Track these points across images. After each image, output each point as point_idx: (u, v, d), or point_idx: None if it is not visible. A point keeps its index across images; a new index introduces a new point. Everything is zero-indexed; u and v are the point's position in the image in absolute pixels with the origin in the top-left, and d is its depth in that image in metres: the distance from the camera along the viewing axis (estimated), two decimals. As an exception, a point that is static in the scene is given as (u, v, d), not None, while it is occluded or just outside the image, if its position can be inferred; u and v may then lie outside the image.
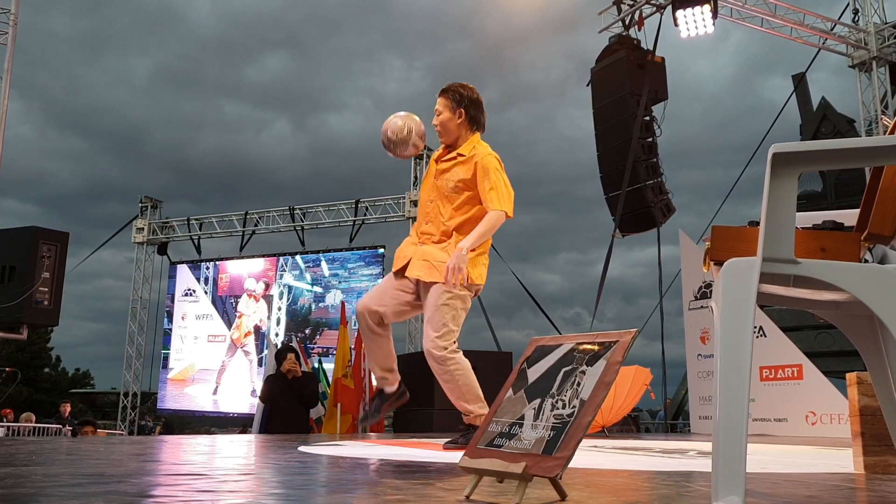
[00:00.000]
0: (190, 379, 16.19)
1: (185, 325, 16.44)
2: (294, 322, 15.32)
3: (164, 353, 16.56)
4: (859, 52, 13.28)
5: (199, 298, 16.38)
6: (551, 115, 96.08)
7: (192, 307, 16.46)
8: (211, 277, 16.34)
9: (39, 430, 10.95)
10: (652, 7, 12.41)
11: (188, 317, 16.44)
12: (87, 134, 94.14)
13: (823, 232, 1.53)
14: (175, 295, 16.65)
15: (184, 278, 16.68)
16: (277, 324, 15.47)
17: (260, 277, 15.89)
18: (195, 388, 16.11)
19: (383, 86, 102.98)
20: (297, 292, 15.40)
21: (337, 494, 1.71)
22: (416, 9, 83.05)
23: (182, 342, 16.39)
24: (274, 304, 15.56)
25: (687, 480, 2.18)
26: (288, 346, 8.19)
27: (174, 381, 16.37)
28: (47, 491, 1.64)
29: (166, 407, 16.66)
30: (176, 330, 16.50)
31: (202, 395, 15.98)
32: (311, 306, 15.20)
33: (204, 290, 16.35)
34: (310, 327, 15.05)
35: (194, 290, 16.44)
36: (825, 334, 12.80)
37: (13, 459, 2.61)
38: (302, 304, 15.32)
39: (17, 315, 7.47)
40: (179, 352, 16.40)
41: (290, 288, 15.49)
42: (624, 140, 12.08)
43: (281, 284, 15.59)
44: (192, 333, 16.34)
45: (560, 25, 65.55)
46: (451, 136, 3.61)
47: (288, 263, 15.62)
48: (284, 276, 15.59)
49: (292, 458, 2.92)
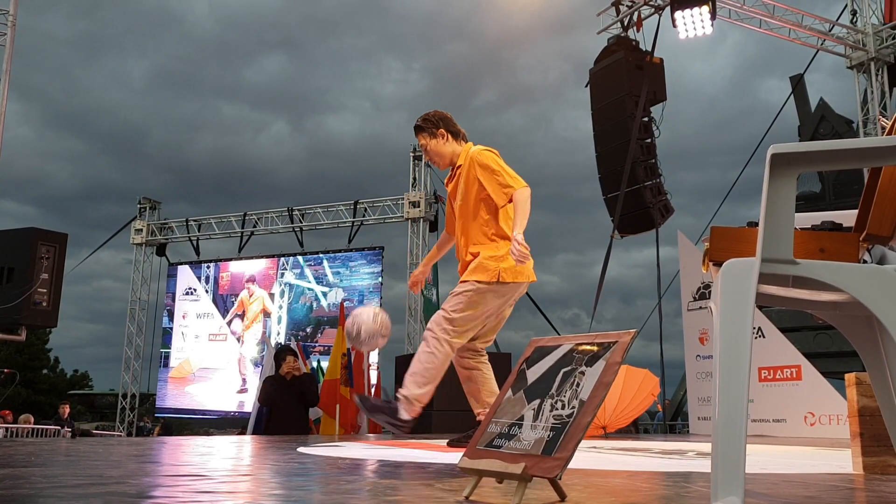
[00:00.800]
0: (190, 377, 16.17)
1: (186, 323, 16.44)
2: (295, 320, 15.32)
3: (165, 352, 16.56)
4: (857, 53, 13.30)
5: (200, 297, 16.39)
6: (549, 116, 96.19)
7: (192, 306, 16.46)
8: (212, 276, 16.34)
9: (38, 431, 10.94)
10: (650, 8, 12.42)
11: (189, 315, 16.44)
12: (85, 135, 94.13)
13: (822, 233, 1.53)
14: (176, 293, 16.65)
15: (184, 277, 16.68)
16: (278, 322, 15.46)
17: (260, 279, 15.89)
18: (195, 386, 16.09)
19: (381, 87, 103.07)
20: (298, 290, 15.40)
21: (337, 495, 1.71)
22: (414, 11, 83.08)
23: (183, 340, 16.40)
24: (275, 302, 15.56)
25: (686, 481, 2.18)
26: (287, 348, 8.18)
27: (174, 379, 16.36)
28: (47, 492, 1.64)
29: (166, 406, 16.64)
30: (176, 328, 16.50)
31: (202, 394, 15.96)
32: (312, 305, 15.20)
33: (205, 288, 16.35)
34: (311, 326, 15.05)
35: (195, 288, 16.45)
36: (824, 335, 12.81)
37: (12, 461, 2.61)
38: (303, 303, 15.32)
39: (15, 316, 7.46)
40: (180, 350, 16.40)
41: (291, 286, 15.49)
42: (622, 141, 12.09)
43: (282, 283, 15.59)
44: (192, 332, 16.34)
45: (557, 27, 65.61)
46: (445, 159, 3.77)
47: (289, 262, 15.62)
48: (285, 275, 15.59)
49: (291, 460, 2.92)
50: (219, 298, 16.22)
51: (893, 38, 13.09)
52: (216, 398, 15.80)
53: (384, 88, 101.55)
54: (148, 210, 17.52)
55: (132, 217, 17.52)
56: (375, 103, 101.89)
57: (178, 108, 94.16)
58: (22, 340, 7.95)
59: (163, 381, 16.53)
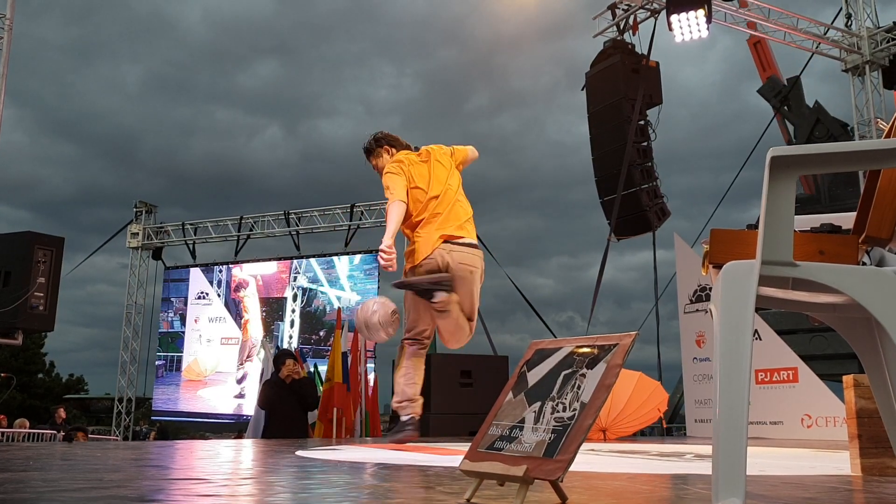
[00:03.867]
0: (205, 380, 16.17)
1: (199, 327, 16.46)
2: (308, 324, 15.34)
3: (178, 356, 16.56)
4: (852, 56, 13.35)
5: (213, 301, 16.40)
6: (541, 120, 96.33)
7: (205, 310, 16.47)
8: (224, 280, 16.33)
9: (33, 435, 10.91)
10: (646, 12, 12.45)
11: (201, 320, 16.45)
12: (79, 140, 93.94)
13: (821, 235, 1.54)
14: (188, 298, 16.65)
15: (197, 281, 16.66)
16: (291, 326, 15.50)
17: (273, 283, 15.89)
18: (209, 390, 16.10)
19: (374, 92, 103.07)
20: (312, 294, 15.42)
21: (339, 498, 1.71)
22: (406, 16, 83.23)
23: (197, 344, 16.40)
24: (288, 306, 15.59)
25: (685, 483, 2.18)
26: (286, 352, 8.18)
27: (188, 382, 16.38)
28: (47, 496, 1.64)
29: (165, 409, 16.62)
30: (189, 333, 16.50)
31: (215, 398, 15.97)
32: (325, 308, 15.23)
33: (217, 293, 16.36)
34: (324, 329, 15.08)
35: (207, 292, 16.46)
36: (820, 337, 12.83)
37: (10, 465, 2.60)
38: (316, 307, 15.35)
39: (12, 320, 7.44)
40: (193, 355, 16.40)
41: (304, 290, 15.51)
42: (619, 144, 12.11)
43: (295, 287, 15.60)
44: (205, 336, 16.37)
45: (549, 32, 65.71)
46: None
47: (302, 266, 15.62)
48: (298, 279, 15.60)
49: (291, 463, 2.92)
50: (231, 302, 16.25)
51: (888, 42, 13.15)
52: (227, 402, 15.81)
53: (377, 93, 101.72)
54: (144, 214, 17.50)
55: (128, 221, 17.50)
56: (368, 108, 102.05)
57: (171, 113, 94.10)
58: (18, 344, 7.92)
59: (175, 384, 16.53)
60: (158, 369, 16.78)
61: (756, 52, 14.18)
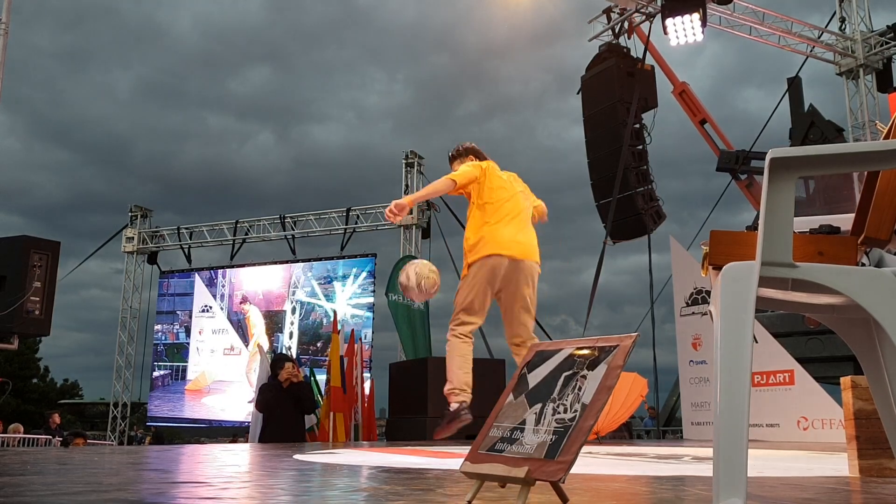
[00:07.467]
0: (205, 389, 16.35)
1: (202, 339, 16.64)
2: (307, 336, 15.45)
3: (183, 366, 16.69)
4: (846, 59, 13.42)
5: (216, 314, 16.58)
6: (531, 125, 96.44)
7: (208, 322, 16.64)
8: (227, 294, 16.44)
9: (28, 440, 10.86)
10: (642, 16, 12.49)
11: (205, 331, 16.62)
12: (72, 146, 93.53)
13: (820, 236, 1.55)
14: (193, 311, 16.82)
15: (201, 295, 16.72)
16: (290, 338, 15.63)
17: (272, 298, 15.99)
18: (210, 398, 16.31)
19: (365, 98, 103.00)
20: (309, 307, 15.54)
21: (340, 501, 1.71)
22: (396, 23, 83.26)
23: (199, 355, 16.50)
24: (287, 318, 15.72)
25: (684, 485, 2.19)
26: (284, 356, 8.17)
27: (191, 391, 16.58)
28: (48, 500, 1.63)
29: (160, 414, 16.62)
30: (193, 343, 16.60)
31: (217, 406, 16.19)
32: (322, 321, 15.37)
33: (220, 306, 16.48)
34: (321, 341, 15.19)
35: (210, 306, 16.62)
36: (816, 340, 12.84)
37: (7, 469, 2.60)
38: (314, 319, 15.50)
39: (8, 325, 7.40)
40: (197, 364, 16.53)
41: (302, 304, 15.63)
42: (614, 147, 12.14)
43: (293, 300, 15.71)
44: (208, 347, 16.52)
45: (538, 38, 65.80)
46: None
47: (300, 280, 15.74)
48: (297, 293, 15.70)
49: (290, 466, 2.92)
50: (232, 315, 16.36)
51: (882, 45, 13.21)
52: (230, 410, 15.95)
53: (368, 99, 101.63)
54: (139, 218, 17.46)
55: (123, 225, 17.45)
56: (360, 114, 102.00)
57: (163, 119, 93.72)
58: (14, 349, 7.87)
59: (180, 393, 16.69)
60: (164, 378, 16.91)
61: (683, 100, 14.22)
